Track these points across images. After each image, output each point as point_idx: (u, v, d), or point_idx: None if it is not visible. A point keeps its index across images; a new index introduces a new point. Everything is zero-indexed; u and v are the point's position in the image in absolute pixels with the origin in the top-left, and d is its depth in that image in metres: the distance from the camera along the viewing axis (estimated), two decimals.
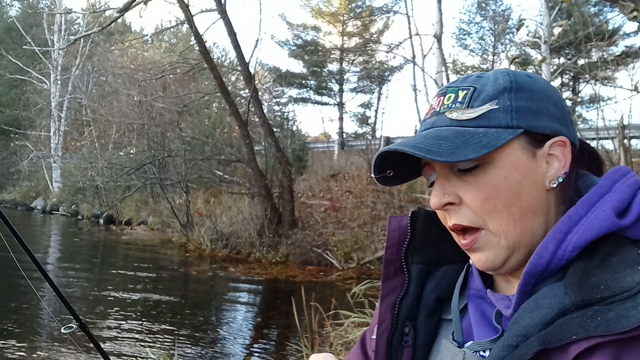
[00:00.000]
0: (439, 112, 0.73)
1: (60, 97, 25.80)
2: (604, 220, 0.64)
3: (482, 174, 0.69)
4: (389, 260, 0.83)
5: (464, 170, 0.70)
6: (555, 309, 0.60)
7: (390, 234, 0.84)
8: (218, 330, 6.90)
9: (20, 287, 7.93)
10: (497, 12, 19.82)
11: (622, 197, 0.67)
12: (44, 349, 5.67)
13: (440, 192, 0.72)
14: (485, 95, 0.71)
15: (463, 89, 0.73)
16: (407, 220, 0.84)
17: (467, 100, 0.71)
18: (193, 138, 14.91)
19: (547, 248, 0.66)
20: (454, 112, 0.71)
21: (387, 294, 0.82)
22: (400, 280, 0.83)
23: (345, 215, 11.89)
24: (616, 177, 0.70)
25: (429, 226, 0.83)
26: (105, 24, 12.51)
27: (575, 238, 0.64)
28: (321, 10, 24.10)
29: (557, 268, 0.66)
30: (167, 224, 15.52)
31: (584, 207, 0.67)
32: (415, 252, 0.83)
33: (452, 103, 0.72)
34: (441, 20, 11.20)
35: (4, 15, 33.39)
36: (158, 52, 24.70)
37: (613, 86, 10.51)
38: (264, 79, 22.65)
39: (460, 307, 0.79)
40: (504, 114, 0.70)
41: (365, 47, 23.49)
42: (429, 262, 0.83)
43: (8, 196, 27.52)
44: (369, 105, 24.76)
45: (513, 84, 0.72)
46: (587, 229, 0.64)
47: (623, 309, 0.56)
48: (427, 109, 0.76)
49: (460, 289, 0.80)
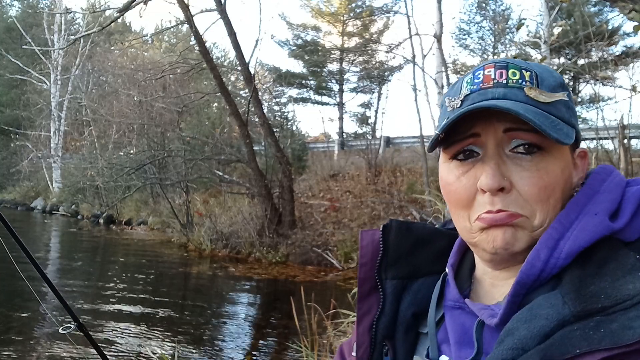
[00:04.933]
0: (506, 85, 0.67)
1: (60, 97, 25.80)
2: (597, 224, 0.61)
3: (541, 161, 0.65)
4: (363, 279, 0.80)
5: (521, 152, 0.66)
6: (554, 320, 0.57)
7: (363, 250, 0.80)
8: (218, 330, 6.90)
9: (20, 287, 7.93)
10: (497, 12, 19.82)
11: (611, 197, 0.65)
12: (42, 349, 5.66)
13: (497, 172, 0.65)
14: (548, 83, 0.68)
15: (525, 70, 0.68)
16: (379, 234, 0.80)
17: (535, 83, 0.67)
18: (193, 138, 14.92)
19: (538, 256, 0.62)
20: (532, 90, 0.66)
21: (364, 315, 0.79)
22: (375, 298, 0.79)
23: (345, 215, 11.89)
24: (603, 176, 0.68)
25: (402, 238, 0.80)
26: (105, 24, 12.52)
27: (568, 245, 0.61)
28: (321, 10, 24.11)
29: (549, 277, 0.63)
30: (167, 224, 15.52)
31: (574, 210, 0.64)
32: (389, 267, 0.79)
33: (521, 80, 0.67)
34: (441, 20, 11.20)
35: (4, 15, 33.41)
36: (158, 52, 24.73)
37: (613, 86, 10.52)
38: (264, 79, 22.68)
39: (437, 318, 0.75)
40: (566, 108, 0.68)
41: (365, 47, 23.49)
42: (404, 277, 0.79)
43: (8, 196, 27.54)
44: (369, 105, 24.78)
45: (564, 82, 0.69)
46: (580, 235, 0.61)
47: (626, 320, 0.53)
48: (481, 77, 0.69)
49: (437, 300, 0.76)
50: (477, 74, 0.70)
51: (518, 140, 0.65)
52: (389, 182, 12.69)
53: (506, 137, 0.66)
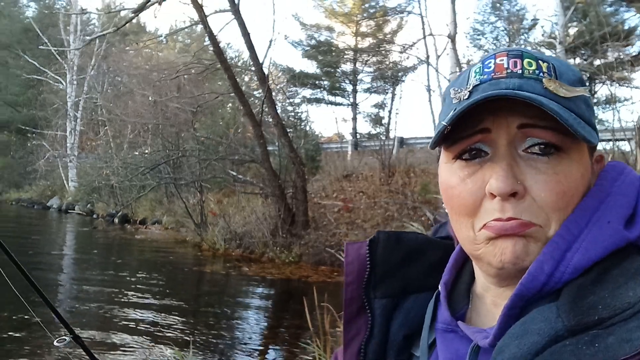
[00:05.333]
0: (522, 75, 0.58)
1: (76, 97, 26.07)
2: (611, 235, 0.54)
3: (559, 164, 0.57)
4: (349, 299, 0.72)
5: (536, 153, 0.57)
6: (546, 335, 0.50)
7: (349, 268, 0.72)
8: (231, 330, 6.93)
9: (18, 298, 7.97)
10: (511, 12, 19.71)
11: (625, 200, 0.57)
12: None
13: (510, 174, 0.56)
14: (567, 77, 0.60)
15: (543, 60, 0.60)
16: (366, 248, 0.73)
17: (553, 75, 0.59)
18: (207, 138, 14.99)
19: (542, 268, 0.55)
20: (552, 82, 0.58)
21: (351, 339, 0.72)
22: (363, 320, 0.72)
23: (358, 216, 11.88)
24: (614, 175, 0.60)
25: (392, 251, 0.72)
26: (120, 25, 12.65)
27: (576, 258, 0.54)
28: (335, 10, 24.11)
29: (552, 291, 0.55)
30: (181, 224, 15.61)
31: (583, 217, 0.56)
32: (378, 284, 0.72)
33: (538, 70, 0.59)
34: (455, 20, 11.17)
35: (20, 16, 33.81)
36: (172, 52, 24.91)
37: (629, 87, 10.41)
38: (277, 79, 22.73)
39: (429, 341, 0.67)
40: (586, 106, 0.60)
41: (378, 48, 23.47)
42: (394, 294, 0.72)
43: (25, 195, 27.88)
44: (383, 105, 24.77)
45: (583, 78, 0.62)
46: (591, 247, 0.54)
47: (625, 331, 0.46)
48: (493, 66, 0.61)
49: (431, 320, 0.69)
50: (487, 63, 0.61)
51: (534, 139, 0.57)
52: (402, 182, 12.66)
53: (520, 134, 0.58)
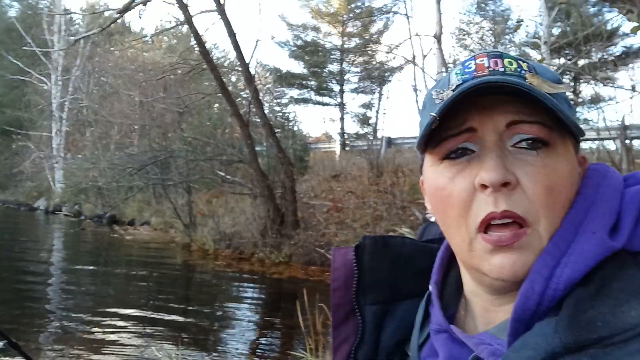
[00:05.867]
0: (504, 73, 0.57)
1: (61, 97, 25.87)
2: (597, 246, 0.53)
3: (548, 157, 0.56)
4: (337, 304, 0.71)
5: (524, 147, 0.56)
6: (542, 351, 0.49)
7: (335, 273, 0.72)
8: (221, 331, 6.95)
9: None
10: (496, 13, 19.88)
11: (609, 207, 0.56)
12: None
13: (500, 163, 0.55)
14: (547, 77, 0.59)
15: (523, 61, 0.59)
16: (352, 254, 0.72)
17: (534, 72, 0.58)
18: (194, 138, 14.95)
19: (533, 288, 0.53)
20: (535, 78, 0.57)
21: (340, 344, 0.71)
22: (353, 325, 0.71)
23: (347, 216, 11.93)
24: (597, 181, 0.59)
25: (380, 257, 0.72)
26: (105, 25, 12.55)
27: (565, 273, 0.52)
28: (321, 10, 24.11)
29: (548, 309, 0.53)
30: (170, 225, 15.57)
31: (570, 230, 0.55)
32: (367, 291, 0.71)
33: (520, 69, 0.58)
34: (440, 20, 11.27)
35: (3, 16, 33.41)
36: (158, 53, 24.74)
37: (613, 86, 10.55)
38: (264, 79, 22.70)
39: (421, 341, 0.67)
40: (567, 104, 0.59)
41: (365, 48, 23.54)
42: (384, 301, 0.71)
43: (11, 197, 27.62)
44: (370, 105, 24.78)
45: (561, 79, 0.61)
46: (579, 260, 0.53)
47: (626, 354, 0.45)
48: (474, 67, 0.60)
49: (422, 322, 0.68)
50: (467, 64, 0.60)
51: (522, 135, 0.56)
52: (391, 182, 12.73)
53: (508, 131, 0.56)
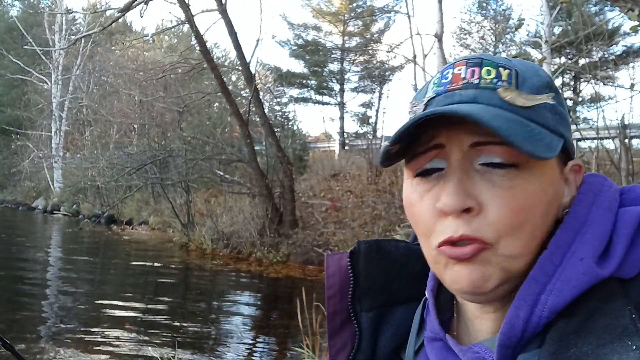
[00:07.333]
0: (478, 86, 0.56)
1: (61, 97, 25.84)
2: (583, 274, 0.51)
3: (517, 177, 0.53)
4: (333, 313, 0.70)
5: (491, 165, 0.54)
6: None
7: (330, 280, 0.70)
8: (219, 331, 6.91)
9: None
10: (497, 12, 19.87)
11: (601, 231, 0.54)
12: None
13: (461, 189, 0.53)
14: (531, 84, 0.56)
15: (504, 67, 0.57)
16: (347, 260, 0.70)
17: (514, 82, 0.56)
18: (194, 138, 14.91)
19: (517, 316, 0.52)
20: (509, 92, 0.55)
21: (338, 352, 0.70)
22: (349, 333, 0.70)
23: (346, 215, 11.90)
24: (590, 199, 0.56)
25: (374, 262, 0.70)
26: (106, 24, 12.52)
27: (550, 301, 0.51)
28: (322, 10, 24.12)
29: (533, 336, 0.52)
30: (168, 224, 15.54)
31: (558, 254, 0.53)
32: (363, 297, 0.70)
33: (496, 79, 0.56)
34: (442, 20, 11.22)
35: (5, 15, 33.45)
36: (159, 52, 24.73)
37: (613, 85, 10.52)
38: (264, 79, 22.69)
39: (416, 346, 0.66)
40: (552, 114, 0.56)
41: (366, 47, 23.56)
42: (380, 306, 0.70)
43: (9, 196, 27.61)
44: (370, 105, 24.81)
45: (552, 82, 0.58)
46: (564, 288, 0.51)
47: None
48: (449, 77, 0.59)
49: (418, 328, 0.68)
50: (445, 74, 0.59)
51: (488, 156, 0.54)
52: (390, 182, 12.69)
53: (473, 151, 0.54)
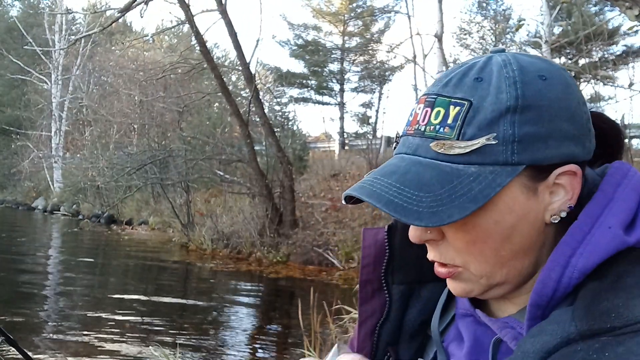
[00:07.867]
0: (423, 134, 0.60)
1: (61, 97, 25.85)
2: (611, 240, 0.56)
3: (470, 215, 0.57)
4: (365, 281, 0.75)
5: None
6: (558, 336, 0.52)
7: (366, 251, 0.75)
8: (219, 331, 6.91)
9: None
10: (497, 12, 19.86)
11: (627, 206, 0.59)
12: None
13: None
14: (482, 118, 0.58)
15: (456, 104, 0.59)
16: (384, 234, 0.75)
17: (459, 124, 0.58)
18: (194, 138, 14.92)
19: (550, 276, 0.57)
20: (440, 145, 0.58)
21: (366, 319, 0.75)
22: (379, 302, 0.75)
23: (346, 215, 11.90)
24: (617, 180, 0.61)
25: (409, 241, 0.70)
26: (106, 24, 12.52)
27: (580, 262, 0.56)
28: (322, 10, 24.13)
29: (564, 295, 0.57)
30: (168, 224, 15.54)
31: (587, 223, 0.58)
32: (396, 271, 0.74)
33: (441, 125, 0.59)
34: (442, 20, 11.21)
35: (5, 15, 33.46)
36: (159, 52, 24.72)
37: (613, 85, 10.52)
38: (265, 79, 22.68)
39: (445, 323, 0.71)
40: (503, 146, 0.57)
41: (366, 47, 23.56)
42: (411, 281, 0.75)
43: (9, 196, 27.60)
44: (370, 105, 24.82)
45: (519, 101, 0.58)
46: (593, 251, 0.56)
47: (635, 344, 0.48)
48: (412, 117, 0.63)
49: (444, 305, 0.72)
50: (412, 110, 0.64)
51: None
52: None
53: None
